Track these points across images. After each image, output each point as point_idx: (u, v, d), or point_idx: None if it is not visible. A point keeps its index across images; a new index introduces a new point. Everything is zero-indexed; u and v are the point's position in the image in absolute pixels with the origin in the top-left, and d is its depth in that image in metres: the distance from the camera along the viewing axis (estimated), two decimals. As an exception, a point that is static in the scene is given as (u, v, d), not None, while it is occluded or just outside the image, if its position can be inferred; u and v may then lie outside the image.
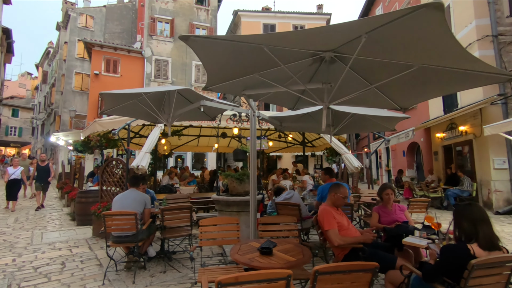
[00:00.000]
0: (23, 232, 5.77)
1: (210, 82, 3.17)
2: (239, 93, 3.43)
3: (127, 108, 4.51)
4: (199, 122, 7.17)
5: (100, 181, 5.67)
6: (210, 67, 2.69)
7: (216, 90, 3.45)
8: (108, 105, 4.15)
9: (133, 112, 4.74)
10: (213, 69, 2.81)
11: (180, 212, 3.80)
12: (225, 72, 2.96)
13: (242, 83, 3.25)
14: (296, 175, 10.47)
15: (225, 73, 2.99)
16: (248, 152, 5.16)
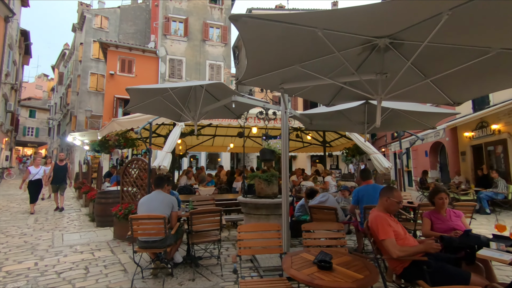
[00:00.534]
0: (43, 234, 5.65)
1: (247, 75, 2.90)
2: (276, 87, 3.15)
3: (151, 105, 4.30)
4: (219, 121, 6.94)
5: (120, 181, 5.49)
6: (252, 55, 2.42)
7: (251, 84, 3.18)
8: (134, 102, 3.94)
9: (157, 109, 4.53)
10: (255, 59, 2.54)
11: (210, 215, 3.55)
12: (266, 63, 2.69)
13: (280, 75, 2.97)
14: (316, 176, 10.12)
15: (265, 64, 2.72)
16: (276, 151, 4.89)
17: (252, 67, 2.74)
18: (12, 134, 22.53)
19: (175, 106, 4.23)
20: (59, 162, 8.49)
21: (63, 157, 8.77)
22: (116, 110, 16.39)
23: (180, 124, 6.10)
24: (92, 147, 9.64)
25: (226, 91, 3.81)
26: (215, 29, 19.00)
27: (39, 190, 8.12)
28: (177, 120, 4.98)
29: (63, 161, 8.54)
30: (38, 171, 8.03)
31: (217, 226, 3.60)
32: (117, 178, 9.32)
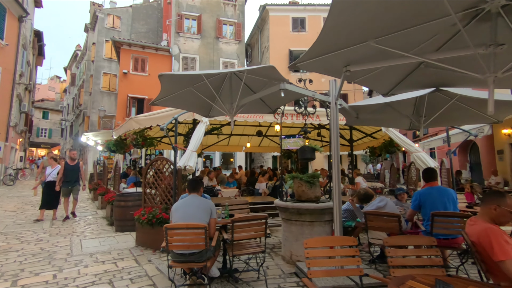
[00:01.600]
0: (60, 239, 5.25)
1: (307, 56, 2.39)
2: (339, 70, 2.62)
3: (180, 98, 3.83)
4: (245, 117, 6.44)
5: (142, 183, 5.04)
6: (327, 31, 1.91)
7: (308, 67, 2.66)
8: (163, 93, 3.46)
9: (186, 102, 4.05)
10: (328, 35, 2.03)
11: (254, 223, 3.04)
12: (332, 40, 2.18)
13: (346, 55, 2.44)
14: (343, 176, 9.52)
15: (331, 42, 2.21)
16: (318, 149, 4.35)
17: (317, 45, 2.23)
18: (26, 135, 22.57)
19: (208, 97, 3.74)
20: (70, 162, 7.21)
21: (75, 156, 7.39)
22: (129, 109, 16.10)
23: (204, 121, 5.62)
24: (108, 146, 9.27)
25: (269, 78, 3.29)
26: (228, 26, 18.56)
27: (56, 193, 7.00)
28: (205, 115, 4.50)
29: (74, 160, 7.30)
30: (52, 171, 7.13)
31: (262, 235, 3.09)
32: (135, 179, 8.93)
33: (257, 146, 13.49)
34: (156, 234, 4.58)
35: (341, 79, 2.85)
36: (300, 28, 18.80)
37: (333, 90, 3.46)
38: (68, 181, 7.00)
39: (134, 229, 5.73)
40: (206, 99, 3.72)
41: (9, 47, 14.78)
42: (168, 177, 4.85)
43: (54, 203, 7.02)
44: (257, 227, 3.06)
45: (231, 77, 3.64)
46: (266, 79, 3.54)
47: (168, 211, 4.61)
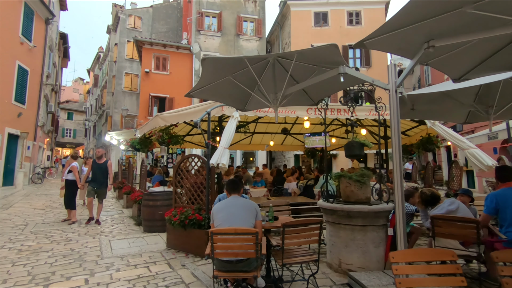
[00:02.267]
0: (89, 239, 5.09)
1: (379, 31, 1.99)
2: (417, 47, 2.20)
3: (217, 88, 3.51)
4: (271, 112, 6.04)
5: (173, 182, 4.77)
6: None
7: (379, 45, 2.26)
8: (203, 82, 3.14)
9: (222, 94, 3.73)
10: None
11: (307, 229, 2.66)
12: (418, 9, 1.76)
13: (429, 27, 2.01)
14: (374, 176, 8.95)
15: (416, 11, 1.79)
16: (367, 144, 3.90)
17: (396, 18, 1.82)
18: (52, 135, 23.27)
19: (248, 87, 3.40)
20: (97, 160, 6.58)
21: (102, 153, 6.67)
22: (151, 108, 16.13)
23: (235, 117, 5.30)
24: (132, 145, 9.17)
25: (323, 62, 2.89)
26: (249, 23, 18.25)
27: (72, 193, 6.63)
28: (241, 108, 4.16)
29: (101, 158, 6.58)
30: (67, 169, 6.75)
31: (315, 241, 2.70)
32: (160, 178, 8.77)
33: (279, 144, 13.10)
34: (189, 237, 4.30)
35: (414, 60, 2.41)
36: (323, 23, 18.20)
37: (392, 76, 3.01)
38: (93, 180, 6.39)
39: (163, 229, 5.50)
40: (246, 88, 3.37)
41: (37, 49, 15.15)
42: (200, 175, 4.55)
43: (70, 203, 6.55)
44: (311, 232, 2.67)
45: (274, 64, 3.28)
46: (315, 65, 3.15)
47: (201, 212, 4.31)
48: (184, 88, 16.59)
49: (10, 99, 13.09)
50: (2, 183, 12.58)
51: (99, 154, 6.65)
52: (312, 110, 6.20)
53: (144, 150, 9.38)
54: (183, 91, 16.56)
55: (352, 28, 17.99)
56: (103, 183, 6.43)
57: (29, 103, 14.63)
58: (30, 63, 14.60)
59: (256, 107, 4.28)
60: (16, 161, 13.70)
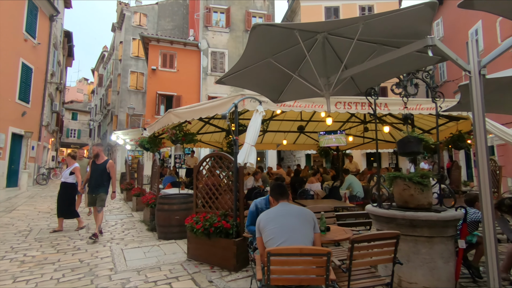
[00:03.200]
0: (99, 248, 4.57)
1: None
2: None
3: (253, 73, 2.97)
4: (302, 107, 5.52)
5: (194, 184, 4.24)
6: None
7: (485, 6, 1.70)
8: (243, 62, 2.61)
9: (257, 80, 3.19)
10: None
11: (380, 245, 2.10)
12: None
13: None
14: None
15: None
16: (427, 141, 3.33)
17: None
18: (57, 135, 22.90)
19: (291, 68, 2.86)
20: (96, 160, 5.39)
21: (97, 151, 5.36)
22: (158, 107, 15.64)
23: (260, 111, 4.75)
24: (141, 144, 8.67)
25: (398, 36, 2.32)
26: (257, 19, 17.70)
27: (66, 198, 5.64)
28: (275, 98, 3.61)
29: (98, 157, 5.36)
30: (66, 171, 5.85)
31: (389, 260, 2.14)
32: (171, 179, 8.26)
33: (291, 143, 12.55)
34: (214, 247, 3.76)
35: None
36: (334, 18, 17.59)
37: (474, 54, 2.45)
38: (91, 185, 5.24)
39: (181, 236, 4.98)
40: (291, 72, 2.83)
41: (41, 46, 14.73)
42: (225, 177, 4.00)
43: (68, 211, 5.61)
44: (384, 249, 2.12)
45: (324, 42, 2.73)
46: (375, 44, 2.60)
47: (228, 218, 3.77)
48: (191, 86, 16.10)
49: (14, 98, 12.66)
50: (6, 184, 12.15)
51: (94, 153, 5.36)
52: (341, 105, 5.67)
53: (153, 150, 8.89)
54: (191, 89, 16.07)
55: (364, 23, 17.36)
56: (99, 186, 5.16)
57: (34, 102, 14.20)
58: (34, 60, 14.17)
59: (291, 98, 3.73)
60: (20, 162, 13.27)
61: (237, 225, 3.67)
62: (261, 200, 2.99)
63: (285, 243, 1.94)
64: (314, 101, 5.53)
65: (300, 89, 3.43)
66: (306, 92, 3.56)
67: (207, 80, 16.34)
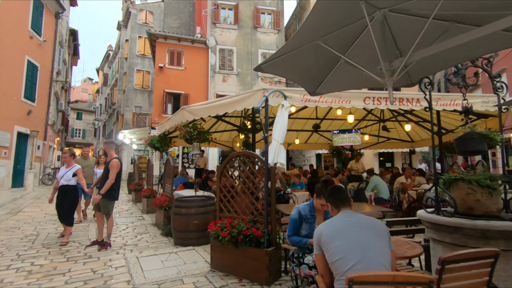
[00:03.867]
0: (112, 255, 4.19)
1: None
2: None
3: (294, 60, 2.57)
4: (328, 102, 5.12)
5: (217, 186, 3.85)
6: None
7: None
8: (290, 45, 2.20)
9: (299, 67, 2.78)
10: None
11: (475, 265, 1.69)
12: None
13: None
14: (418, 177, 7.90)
15: None
16: (494, 138, 2.91)
17: None
18: (63, 135, 22.67)
19: (341, 50, 2.45)
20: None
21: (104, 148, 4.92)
22: (165, 105, 15.29)
23: (286, 106, 4.35)
24: (151, 143, 8.32)
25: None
26: (266, 15, 17.30)
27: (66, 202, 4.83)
28: (312, 90, 3.20)
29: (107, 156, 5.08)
30: (66, 172, 4.89)
31: (482, 284, 1.73)
32: (183, 179, 7.89)
33: (303, 142, 12.11)
34: (242, 257, 3.36)
35: None
36: (345, 14, 17.13)
37: None
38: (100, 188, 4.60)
39: (199, 242, 4.60)
40: (342, 55, 2.42)
41: (47, 44, 14.46)
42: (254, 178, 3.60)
43: (65, 217, 4.83)
44: (478, 271, 1.70)
45: (383, 21, 2.32)
46: (447, 22, 2.18)
47: (257, 225, 3.37)
48: (199, 84, 15.73)
49: (19, 96, 12.38)
50: (12, 185, 11.87)
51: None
52: (370, 100, 5.25)
53: (163, 149, 8.54)
54: (199, 87, 15.69)
55: (376, 19, 16.87)
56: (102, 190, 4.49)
57: (39, 101, 13.93)
58: (40, 58, 13.89)
59: (330, 89, 3.32)
60: (26, 161, 12.98)
61: (268, 233, 3.27)
62: (304, 206, 2.59)
63: (360, 265, 1.54)
64: (341, 96, 5.15)
65: (343, 79, 3.02)
66: (347, 82, 3.16)
67: (215, 78, 15.96)
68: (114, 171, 4.49)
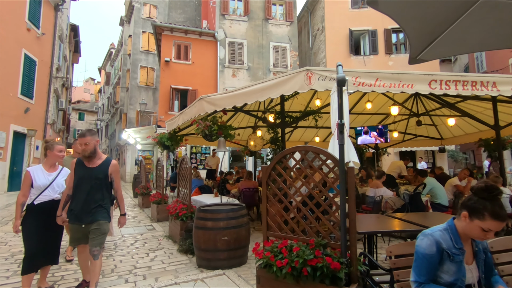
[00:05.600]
0: (120, 285, 3.19)
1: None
2: None
3: None
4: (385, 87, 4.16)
5: (263, 194, 2.83)
6: None
7: None
8: None
9: (419, 11, 1.76)
10: None
11: None
12: None
13: None
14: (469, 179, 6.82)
15: None
16: None
17: None
18: (64, 135, 21.77)
19: None
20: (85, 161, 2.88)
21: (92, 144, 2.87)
22: (172, 102, 14.33)
23: (344, 88, 3.32)
24: (160, 141, 7.33)
25: None
26: (278, 6, 16.30)
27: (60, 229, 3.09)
28: (415, 52, 2.18)
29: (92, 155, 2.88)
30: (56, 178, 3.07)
31: None
32: (199, 182, 6.90)
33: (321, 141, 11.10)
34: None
35: None
36: (362, 4, 16.09)
37: None
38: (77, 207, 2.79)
39: (230, 264, 3.61)
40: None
41: (46, 38, 13.54)
42: (320, 183, 2.59)
43: (52, 251, 3.02)
44: None
45: None
46: None
47: (329, 251, 2.35)
48: (207, 79, 14.76)
49: (16, 93, 11.44)
50: (8, 188, 10.94)
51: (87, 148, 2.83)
52: (437, 84, 4.25)
53: (173, 148, 7.56)
54: (207, 82, 14.71)
55: (395, 9, 15.81)
56: (95, 207, 2.80)
57: (38, 98, 13.00)
58: (38, 52, 12.97)
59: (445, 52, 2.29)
60: (23, 163, 12.05)
61: (347, 263, 2.25)
62: (442, 233, 1.55)
63: None
64: (402, 79, 4.16)
65: (469, 36, 2.00)
66: (475, 40, 2.13)
67: (224, 72, 14.98)
68: (119, 178, 3.00)
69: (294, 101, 7.09)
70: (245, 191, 6.08)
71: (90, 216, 2.76)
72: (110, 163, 2.94)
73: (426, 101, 7.59)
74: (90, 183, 2.80)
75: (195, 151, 15.23)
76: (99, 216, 2.80)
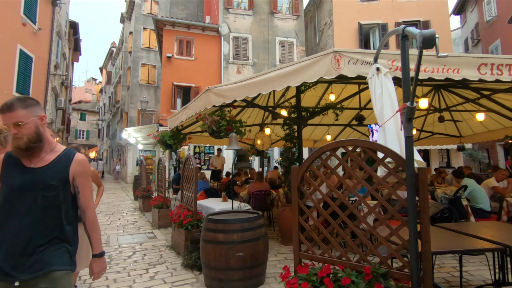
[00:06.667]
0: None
1: None
2: None
3: None
4: (427, 72, 3.54)
5: (294, 201, 2.18)
6: None
7: None
8: None
9: None
10: None
11: None
12: None
13: None
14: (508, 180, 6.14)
15: None
16: None
17: None
18: (64, 135, 21.24)
19: None
20: (24, 160, 1.48)
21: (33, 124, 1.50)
22: (174, 100, 13.72)
23: (384, 71, 2.67)
24: (162, 140, 6.72)
25: None
26: (283, 0, 15.65)
27: None
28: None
29: (35, 147, 1.46)
30: None
31: None
32: (204, 184, 6.27)
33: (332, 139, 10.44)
34: None
35: None
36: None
37: None
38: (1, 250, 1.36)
39: (245, 286, 2.97)
40: None
41: (43, 33, 12.98)
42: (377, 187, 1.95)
43: None
44: None
45: None
46: None
47: (393, 283, 1.70)
48: (211, 75, 14.13)
49: (11, 90, 10.86)
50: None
51: (20, 132, 1.40)
52: (487, 68, 3.61)
53: (176, 147, 6.95)
54: (210, 79, 14.08)
55: (406, 1, 15.15)
56: (49, 245, 1.42)
57: (34, 96, 12.41)
58: (34, 49, 12.39)
59: None
60: (19, 164, 11.48)
61: (423, 301, 1.61)
62: None
63: None
64: (446, 63, 3.55)
65: None
66: None
67: (228, 69, 14.35)
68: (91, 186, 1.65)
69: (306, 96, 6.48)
70: (256, 194, 5.45)
71: (33, 263, 1.37)
72: (72, 158, 1.54)
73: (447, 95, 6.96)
74: (32, 197, 1.42)
75: (198, 150, 14.62)
76: (52, 261, 1.40)
